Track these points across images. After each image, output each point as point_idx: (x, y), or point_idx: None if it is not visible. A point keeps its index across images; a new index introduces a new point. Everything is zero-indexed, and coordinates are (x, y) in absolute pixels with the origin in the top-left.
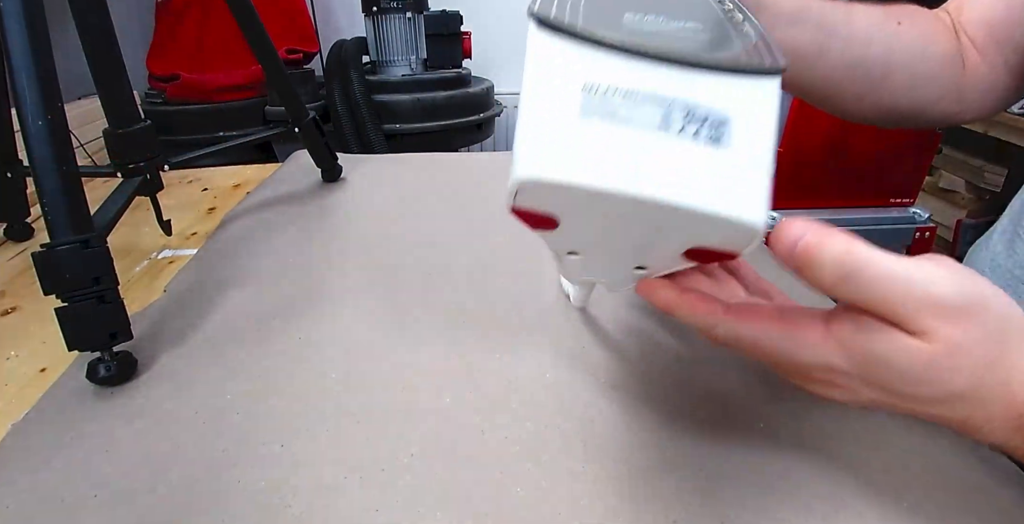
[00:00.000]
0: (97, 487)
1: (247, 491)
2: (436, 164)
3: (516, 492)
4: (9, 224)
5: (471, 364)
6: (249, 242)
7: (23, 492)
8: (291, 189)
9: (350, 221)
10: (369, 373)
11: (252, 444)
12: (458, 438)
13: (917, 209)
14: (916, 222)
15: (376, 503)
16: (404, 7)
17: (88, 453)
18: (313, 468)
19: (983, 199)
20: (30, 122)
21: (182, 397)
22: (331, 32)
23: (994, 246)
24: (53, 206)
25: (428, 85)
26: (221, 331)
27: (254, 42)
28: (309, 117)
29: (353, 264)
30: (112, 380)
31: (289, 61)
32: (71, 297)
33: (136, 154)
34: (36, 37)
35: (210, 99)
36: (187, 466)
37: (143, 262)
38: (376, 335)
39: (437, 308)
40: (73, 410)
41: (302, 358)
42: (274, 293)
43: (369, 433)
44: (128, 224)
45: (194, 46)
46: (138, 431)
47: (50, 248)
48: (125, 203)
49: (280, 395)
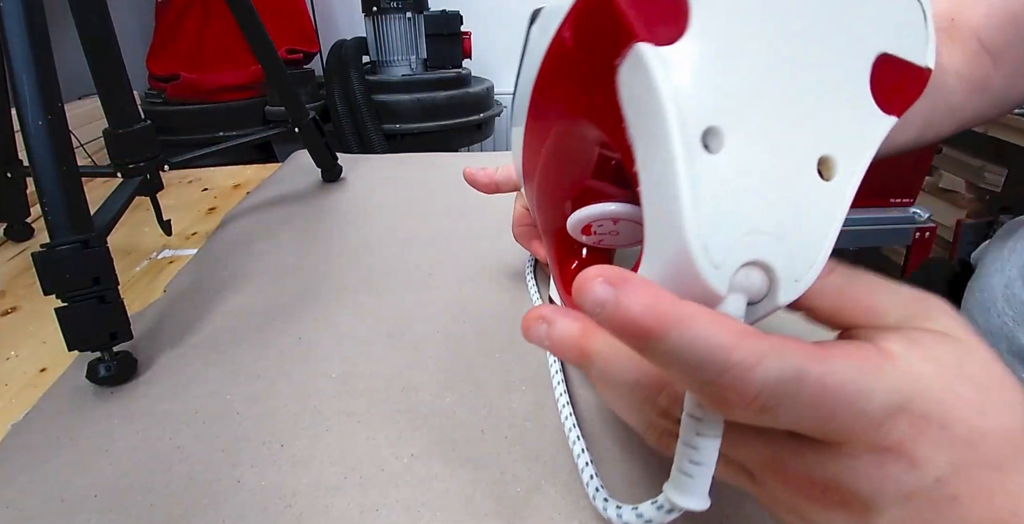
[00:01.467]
0: (97, 487)
1: (247, 491)
2: (436, 164)
3: (516, 492)
4: (9, 224)
5: (471, 364)
6: (249, 242)
7: (23, 492)
8: (291, 189)
9: (350, 221)
10: (369, 373)
11: (252, 444)
12: (458, 438)
13: (917, 209)
14: (916, 222)
15: (376, 503)
16: (404, 7)
17: (88, 453)
18: (313, 468)
19: (983, 199)
20: (30, 122)
21: (182, 397)
22: (331, 32)
23: (1009, 271)
24: (53, 206)
25: (428, 85)
26: (221, 331)
27: (254, 42)
28: (309, 117)
29: (353, 264)
30: (112, 380)
31: (289, 61)
32: (71, 297)
33: (136, 154)
34: (36, 37)
35: (210, 99)
36: (187, 466)
37: (143, 262)
38: (376, 335)
39: (437, 308)
40: (73, 410)
41: (302, 358)
42: (274, 293)
43: (369, 433)
44: (128, 224)
45: (194, 46)
46: (138, 431)
47: (50, 248)
48: (125, 203)
49: (280, 395)
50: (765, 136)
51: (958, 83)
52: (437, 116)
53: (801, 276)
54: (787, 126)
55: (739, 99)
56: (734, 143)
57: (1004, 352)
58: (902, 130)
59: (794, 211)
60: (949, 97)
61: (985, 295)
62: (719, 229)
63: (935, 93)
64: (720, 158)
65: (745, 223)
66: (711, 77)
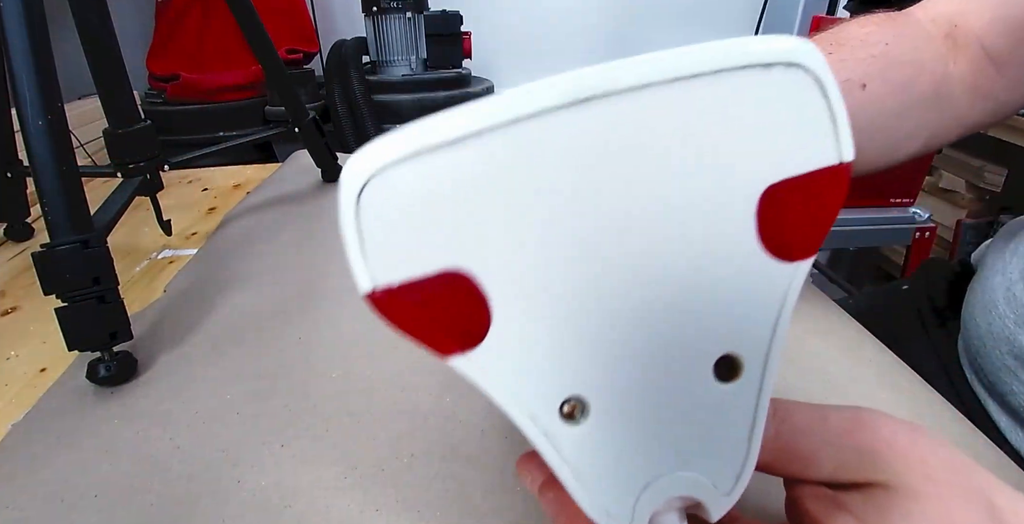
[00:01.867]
0: (97, 487)
1: (247, 491)
2: None
3: (516, 492)
4: (9, 224)
5: None
6: (249, 242)
7: (23, 492)
8: (291, 189)
9: None
10: (369, 373)
11: (252, 444)
12: (458, 438)
13: (917, 209)
14: (916, 222)
15: (376, 503)
16: (404, 7)
17: (88, 453)
18: (313, 468)
19: (983, 199)
20: (30, 122)
21: (182, 397)
22: (331, 32)
23: (1010, 273)
24: (53, 206)
25: (428, 85)
26: (221, 331)
27: (254, 42)
28: (309, 117)
29: None
30: (112, 380)
31: (289, 61)
32: (71, 297)
33: (136, 154)
34: (36, 37)
35: (210, 99)
36: (187, 466)
37: (143, 262)
38: (376, 335)
39: None
40: (73, 410)
41: (302, 358)
42: (274, 293)
43: (369, 433)
44: (128, 224)
45: (194, 46)
46: (138, 431)
47: (50, 248)
48: (125, 203)
49: (280, 395)
50: (637, 377)
51: (963, 92)
52: None
53: (728, 489)
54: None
55: (588, 356)
56: (601, 404)
57: (1005, 354)
58: (909, 141)
59: (699, 435)
60: (955, 106)
61: (986, 297)
62: (614, 495)
63: (942, 104)
64: (588, 427)
65: (642, 477)
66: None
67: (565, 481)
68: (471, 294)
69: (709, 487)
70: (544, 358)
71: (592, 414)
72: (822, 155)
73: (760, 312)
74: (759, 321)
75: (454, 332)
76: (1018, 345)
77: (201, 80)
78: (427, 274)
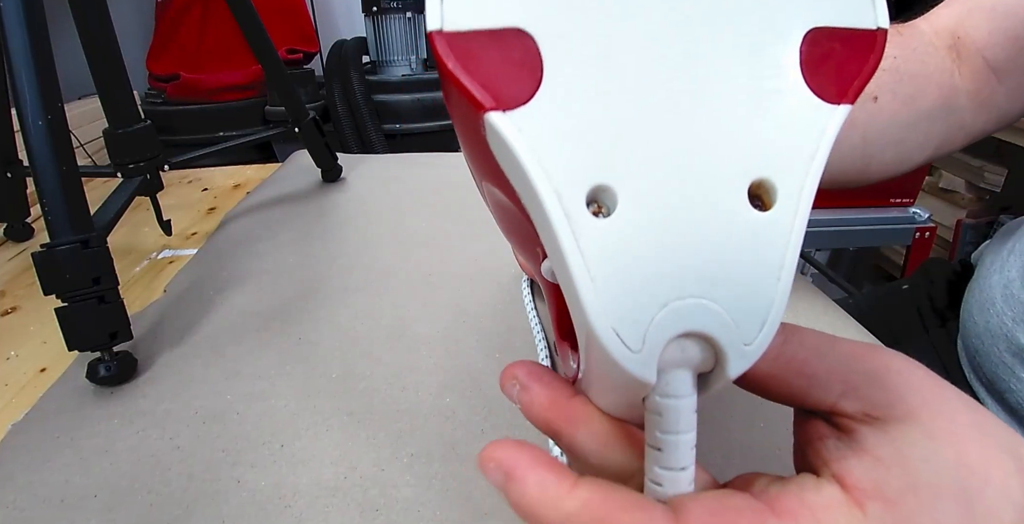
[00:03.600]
0: (97, 487)
1: (247, 491)
2: (436, 164)
3: None
4: (9, 224)
5: (471, 364)
6: (249, 242)
7: (23, 492)
8: (291, 189)
9: (350, 221)
10: (369, 373)
11: (252, 444)
12: (458, 438)
13: (917, 209)
14: (916, 222)
15: (376, 503)
16: (404, 7)
17: (88, 453)
18: (313, 468)
19: (983, 199)
20: (30, 122)
21: (182, 397)
22: (331, 32)
23: (1008, 271)
24: (53, 206)
25: (428, 85)
26: (221, 331)
27: (254, 42)
28: (309, 117)
29: (353, 264)
30: (112, 380)
31: (289, 61)
32: (71, 297)
33: (136, 154)
34: (36, 37)
35: (210, 99)
36: (187, 466)
37: (143, 262)
38: (376, 335)
39: (437, 308)
40: (73, 410)
41: (302, 358)
42: (274, 293)
43: (369, 433)
44: (128, 224)
45: (194, 46)
46: (138, 431)
47: (50, 248)
48: (125, 203)
49: (280, 395)
50: (671, 180)
51: (968, 101)
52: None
53: (751, 338)
54: (697, 159)
55: (626, 145)
56: (631, 199)
57: (1003, 352)
58: (920, 150)
59: (727, 261)
60: (961, 115)
61: (984, 295)
62: (628, 308)
63: (950, 114)
64: (613, 222)
65: (662, 293)
66: (583, 129)
67: (577, 279)
68: (530, 54)
69: (731, 329)
70: (583, 135)
71: (618, 211)
72: (861, 17)
73: (798, 141)
74: (797, 149)
75: (503, 87)
76: (1016, 343)
77: (201, 80)
78: (495, 26)
